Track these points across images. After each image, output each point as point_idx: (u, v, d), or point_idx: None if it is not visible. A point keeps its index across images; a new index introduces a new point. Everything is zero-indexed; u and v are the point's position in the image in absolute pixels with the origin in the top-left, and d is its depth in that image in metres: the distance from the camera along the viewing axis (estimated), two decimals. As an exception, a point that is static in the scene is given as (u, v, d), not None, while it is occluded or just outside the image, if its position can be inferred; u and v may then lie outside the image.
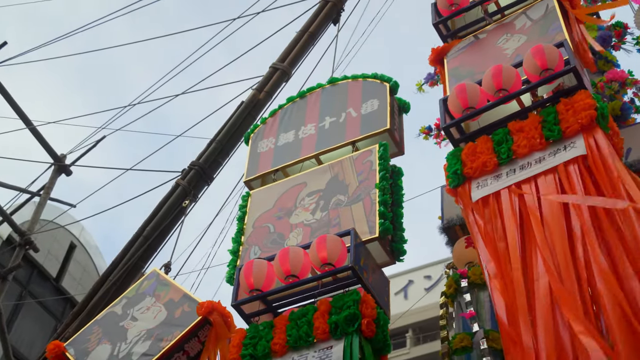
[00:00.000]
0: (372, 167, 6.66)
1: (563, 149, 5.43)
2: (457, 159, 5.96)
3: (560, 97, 5.85)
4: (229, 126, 10.13)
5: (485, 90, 6.01)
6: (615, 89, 9.09)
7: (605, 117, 5.47)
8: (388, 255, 6.27)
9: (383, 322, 5.62)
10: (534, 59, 5.81)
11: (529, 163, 5.55)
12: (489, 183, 5.66)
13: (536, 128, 5.64)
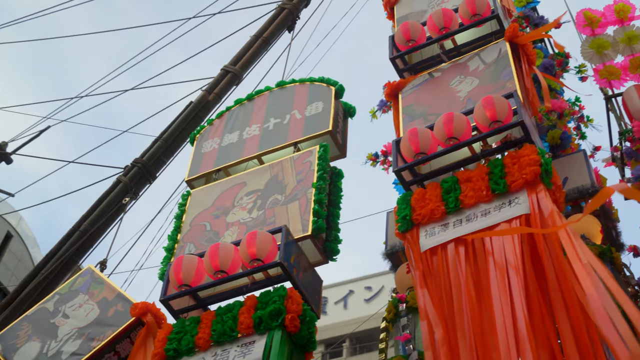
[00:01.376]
0: (311, 167, 6.63)
1: (508, 203, 5.47)
2: (406, 204, 5.96)
3: (507, 147, 5.96)
4: (175, 125, 10.03)
5: (437, 136, 6.06)
6: (554, 120, 9.21)
7: (549, 173, 5.56)
8: (321, 254, 6.23)
9: (309, 318, 5.57)
10: (484, 109, 5.87)
11: (475, 215, 5.58)
12: (437, 232, 5.65)
13: (483, 179, 5.68)
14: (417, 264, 5.53)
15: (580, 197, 8.13)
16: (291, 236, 5.96)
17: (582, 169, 8.50)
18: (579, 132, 10.34)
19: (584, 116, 10.17)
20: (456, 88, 6.83)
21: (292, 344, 5.45)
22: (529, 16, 11.35)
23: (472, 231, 5.42)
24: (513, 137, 6.03)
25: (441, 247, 5.49)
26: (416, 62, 7.72)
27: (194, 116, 10.10)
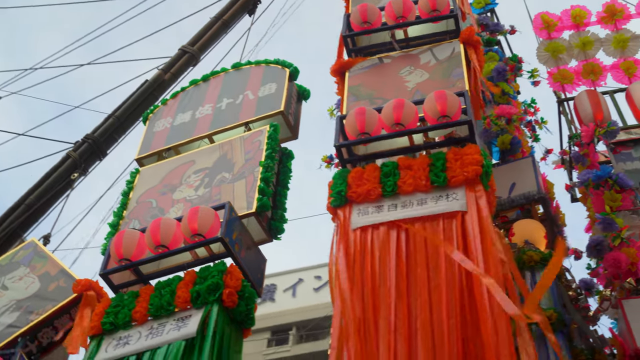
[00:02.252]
0: (260, 147, 6.61)
1: (445, 197, 5.53)
2: (343, 180, 5.95)
3: (451, 144, 6.00)
4: (129, 103, 9.92)
5: (384, 120, 6.06)
6: (502, 126, 9.30)
7: (488, 175, 5.66)
8: (265, 232, 6.21)
9: (248, 295, 5.54)
10: (436, 103, 5.91)
11: (410, 202, 5.61)
12: (370, 212, 5.66)
13: (424, 169, 5.73)
14: (343, 239, 5.51)
15: (527, 203, 8.20)
16: (235, 213, 5.92)
17: (529, 175, 8.58)
18: (533, 134, 10.44)
19: (538, 119, 10.28)
20: (405, 77, 6.86)
21: (230, 320, 5.42)
22: (485, 23, 11.45)
23: (407, 217, 5.45)
24: (458, 135, 6.09)
25: (373, 227, 5.50)
26: (365, 45, 7.69)
27: (148, 95, 10.00)
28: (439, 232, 5.26)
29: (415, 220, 5.43)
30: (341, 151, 6.22)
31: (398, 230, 5.40)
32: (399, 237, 5.34)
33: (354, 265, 5.26)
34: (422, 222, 5.41)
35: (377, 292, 5.02)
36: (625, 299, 7.22)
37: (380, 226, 5.49)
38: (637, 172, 8.76)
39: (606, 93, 10.00)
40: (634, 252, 7.34)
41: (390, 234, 5.38)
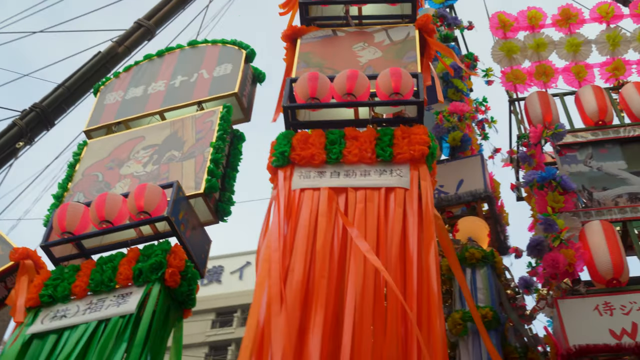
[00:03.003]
0: (212, 127, 6.57)
1: (389, 172, 5.56)
2: (287, 141, 5.92)
3: (399, 122, 6.01)
4: (80, 74, 9.74)
5: (336, 89, 6.05)
6: (454, 122, 9.39)
7: (433, 157, 5.73)
8: (212, 214, 6.18)
9: (191, 275, 5.53)
10: (390, 79, 5.93)
11: (354, 172, 5.63)
12: (312, 177, 5.66)
13: (370, 142, 5.75)
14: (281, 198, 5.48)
15: (473, 201, 8.31)
16: (182, 192, 5.89)
17: (477, 173, 8.69)
18: (482, 132, 10.56)
19: (487, 118, 10.40)
20: (358, 52, 6.86)
21: (171, 299, 5.40)
22: (443, 15, 11.52)
23: (349, 186, 5.47)
24: (407, 114, 6.11)
25: (313, 190, 5.50)
26: (317, 16, 7.63)
27: (100, 67, 9.84)
28: (380, 205, 5.28)
29: (357, 190, 5.45)
30: (288, 113, 6.20)
31: (338, 196, 5.41)
32: (338, 203, 5.35)
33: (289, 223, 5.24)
34: (363, 192, 5.43)
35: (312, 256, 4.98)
36: (561, 299, 7.37)
37: (321, 190, 5.50)
38: (581, 175, 8.93)
39: (556, 95, 10.18)
40: (572, 254, 7.49)
41: (330, 199, 5.39)
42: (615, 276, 7.51)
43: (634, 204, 8.44)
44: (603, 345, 6.86)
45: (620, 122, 9.60)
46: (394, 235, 5.04)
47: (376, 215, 5.21)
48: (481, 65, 11.44)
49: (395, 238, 5.00)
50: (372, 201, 5.34)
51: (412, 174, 5.49)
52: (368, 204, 5.30)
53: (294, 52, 6.94)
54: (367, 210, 5.25)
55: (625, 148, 9.21)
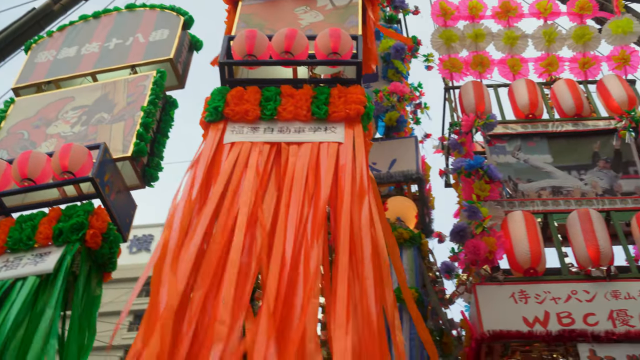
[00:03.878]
0: (144, 92, 6.48)
1: (324, 129, 5.54)
2: (222, 97, 5.82)
3: (337, 83, 5.98)
4: (12, 29, 9.49)
5: (274, 47, 5.99)
6: (394, 102, 9.45)
7: (369, 117, 5.69)
8: (139, 178, 6.11)
9: (113, 238, 5.45)
10: (329, 39, 5.89)
11: (288, 129, 5.59)
12: (245, 132, 5.60)
13: (306, 100, 5.72)
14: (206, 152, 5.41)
15: (404, 181, 8.40)
16: (109, 155, 5.80)
17: (410, 154, 8.79)
18: (415, 117, 10.68)
19: (421, 102, 10.51)
20: (299, 15, 6.82)
21: (91, 261, 5.33)
22: (390, -5, 11.59)
23: (282, 141, 5.45)
24: (345, 75, 6.12)
25: (245, 144, 5.48)
26: None
27: (34, 24, 9.60)
28: (312, 159, 5.26)
29: (289, 144, 5.42)
30: (224, 70, 6.14)
31: (270, 150, 5.39)
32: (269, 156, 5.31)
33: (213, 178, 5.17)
34: (296, 146, 5.39)
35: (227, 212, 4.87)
36: (479, 285, 7.55)
37: (253, 144, 5.47)
38: (508, 165, 9.13)
39: (491, 86, 10.36)
40: (493, 242, 7.66)
41: (261, 152, 5.36)
42: (532, 266, 7.72)
43: (556, 197, 8.67)
44: (516, 331, 7.06)
45: (550, 117, 9.83)
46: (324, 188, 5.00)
47: (306, 169, 5.17)
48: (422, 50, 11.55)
49: (325, 191, 4.96)
50: (305, 155, 5.31)
51: (346, 132, 5.46)
52: (300, 158, 5.27)
53: (234, 14, 6.86)
54: (298, 164, 5.22)
55: (553, 143, 9.44)
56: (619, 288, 7.46)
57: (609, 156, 9.21)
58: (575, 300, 7.38)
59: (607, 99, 9.78)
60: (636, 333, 6.99)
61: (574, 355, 6.99)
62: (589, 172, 9.06)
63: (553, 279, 7.68)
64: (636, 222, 8.16)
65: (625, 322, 7.11)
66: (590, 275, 7.60)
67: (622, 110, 9.43)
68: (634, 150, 9.15)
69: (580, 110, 9.69)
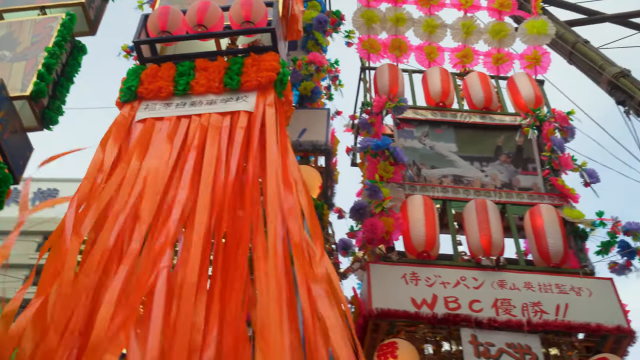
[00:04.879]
0: (51, 33, 6.26)
1: (235, 99, 5.52)
2: (136, 76, 5.78)
3: (252, 51, 5.94)
4: None
5: (187, 21, 5.93)
6: (312, 71, 9.42)
7: (283, 84, 5.66)
8: (37, 120, 5.91)
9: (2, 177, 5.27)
10: (241, 8, 5.87)
11: (200, 102, 5.56)
12: (157, 108, 5.54)
13: (219, 72, 5.68)
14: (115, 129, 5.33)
15: (312, 151, 8.38)
16: (6, 92, 5.58)
17: (321, 126, 8.78)
18: (329, 92, 10.68)
19: (337, 77, 10.51)
20: None
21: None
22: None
23: (193, 114, 5.40)
24: (262, 43, 6.08)
25: (156, 120, 5.40)
26: None
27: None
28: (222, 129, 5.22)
29: (200, 116, 5.39)
30: (140, 49, 6.03)
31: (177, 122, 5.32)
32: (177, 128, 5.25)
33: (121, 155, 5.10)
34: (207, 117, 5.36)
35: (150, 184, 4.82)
36: (373, 263, 7.65)
37: (164, 120, 5.40)
38: (414, 150, 9.27)
39: (406, 71, 10.47)
40: (391, 222, 7.77)
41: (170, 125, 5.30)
42: (426, 249, 7.87)
43: (456, 185, 8.86)
44: (403, 311, 7.19)
45: (460, 108, 10.01)
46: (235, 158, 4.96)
47: (217, 139, 5.13)
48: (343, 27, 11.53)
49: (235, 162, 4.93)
50: (214, 126, 5.26)
51: (258, 100, 5.44)
52: (210, 129, 5.22)
53: None
54: (209, 135, 5.17)
55: (459, 132, 9.63)
56: (506, 278, 7.69)
57: (511, 151, 9.45)
58: (464, 286, 7.57)
59: (515, 96, 10.03)
60: (517, 322, 7.23)
61: (457, 339, 7.17)
62: (491, 164, 9.28)
63: (444, 264, 7.85)
64: (529, 217, 8.43)
65: (508, 312, 7.34)
66: (480, 263, 7.81)
67: (528, 108, 9.70)
68: (535, 148, 9.42)
69: (489, 104, 9.91)
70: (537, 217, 8.32)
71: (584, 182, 8.81)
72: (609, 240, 8.25)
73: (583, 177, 8.83)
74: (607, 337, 7.32)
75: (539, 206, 8.47)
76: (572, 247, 8.25)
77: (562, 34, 11.84)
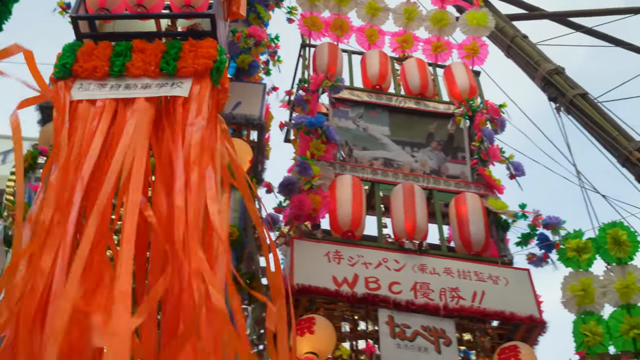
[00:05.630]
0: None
1: (170, 85, 5.43)
2: (72, 53, 5.60)
3: (192, 35, 5.84)
4: None
5: (127, 0, 5.81)
6: (250, 45, 9.35)
7: (220, 72, 5.59)
8: (-44, 68, 5.70)
9: None
10: None
11: (135, 85, 5.45)
12: (91, 89, 5.42)
13: (156, 55, 5.56)
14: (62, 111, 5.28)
15: (245, 125, 8.33)
16: None
17: (256, 100, 8.73)
18: (267, 67, 10.62)
19: (276, 53, 10.47)
20: None
21: None
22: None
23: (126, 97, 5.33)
24: (201, 28, 6.01)
25: (89, 102, 5.32)
26: None
27: None
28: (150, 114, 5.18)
29: (134, 100, 5.32)
30: (77, 24, 5.89)
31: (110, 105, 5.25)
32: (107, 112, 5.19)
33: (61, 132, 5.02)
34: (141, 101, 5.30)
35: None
36: (297, 239, 7.68)
37: (97, 102, 5.31)
38: (347, 130, 9.31)
39: (346, 51, 10.49)
40: (318, 200, 7.81)
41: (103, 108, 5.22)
42: (351, 229, 7.94)
43: (386, 168, 8.94)
44: (323, 289, 7.25)
45: (396, 92, 10.08)
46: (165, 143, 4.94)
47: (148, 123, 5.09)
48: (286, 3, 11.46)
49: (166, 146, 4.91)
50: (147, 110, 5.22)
51: (193, 87, 5.39)
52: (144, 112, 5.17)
53: None
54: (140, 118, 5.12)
55: (393, 116, 9.71)
56: (427, 263, 7.82)
57: (443, 139, 9.58)
58: (385, 268, 7.67)
59: (451, 85, 10.16)
60: (434, 306, 7.37)
61: (374, 319, 7.28)
62: (422, 150, 9.40)
63: (368, 244, 7.94)
64: (454, 204, 8.57)
65: (426, 295, 7.47)
66: (403, 247, 7.92)
67: (462, 98, 9.83)
68: (466, 137, 9.57)
69: (425, 91, 10.02)
70: (462, 205, 8.48)
71: (510, 174, 9.01)
72: (529, 233, 8.48)
73: (509, 170, 9.03)
74: (519, 326, 7.54)
75: (464, 194, 8.62)
76: (494, 237, 8.44)
77: (502, 27, 11.99)
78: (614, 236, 8.22)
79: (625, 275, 8.01)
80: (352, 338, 7.24)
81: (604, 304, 8.05)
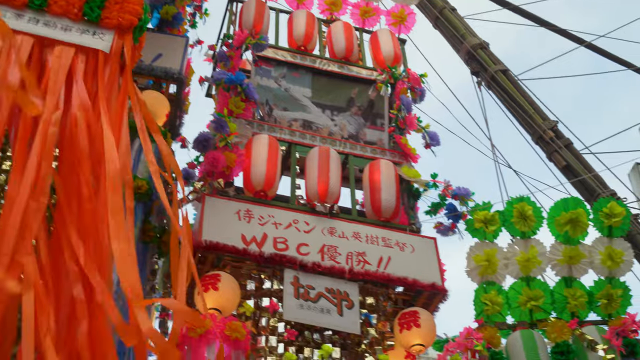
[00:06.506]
0: None
1: (92, 33, 5.38)
2: None
3: None
4: None
5: None
6: None
7: (141, 31, 5.59)
8: None
9: None
10: None
11: (55, 24, 5.35)
12: (8, 17, 5.26)
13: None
14: None
15: (165, 78, 8.21)
16: None
17: (177, 53, 8.58)
18: (193, 20, 10.45)
19: (202, 6, 10.29)
20: None
21: None
22: None
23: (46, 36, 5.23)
24: None
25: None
26: None
27: None
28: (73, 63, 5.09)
29: (54, 42, 5.22)
30: None
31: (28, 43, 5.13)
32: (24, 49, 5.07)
33: None
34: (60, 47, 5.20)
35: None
36: (209, 196, 7.66)
37: (17, 33, 5.17)
38: (268, 89, 9.27)
39: (273, 9, 10.39)
40: (233, 158, 7.78)
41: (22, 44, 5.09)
42: (264, 189, 7.96)
43: (304, 130, 8.96)
44: (232, 246, 7.27)
45: (320, 55, 10.06)
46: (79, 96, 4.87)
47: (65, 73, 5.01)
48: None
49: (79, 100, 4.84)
50: (65, 57, 5.12)
51: (115, 41, 5.35)
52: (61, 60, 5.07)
53: None
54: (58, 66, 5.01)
55: (316, 79, 9.71)
56: (336, 226, 7.92)
57: (363, 104, 9.64)
58: (295, 229, 7.73)
59: (376, 51, 10.18)
60: (339, 269, 7.49)
61: (280, 279, 7.34)
62: (342, 114, 9.44)
63: (280, 205, 7.97)
64: (368, 170, 8.67)
65: (333, 258, 7.57)
66: (315, 209, 7.99)
67: (385, 65, 9.88)
68: (386, 104, 9.65)
69: (349, 55, 10.03)
70: (375, 171, 8.58)
71: (425, 143, 9.15)
72: (438, 202, 8.65)
73: (425, 139, 9.16)
74: (421, 293, 7.73)
75: (379, 161, 8.72)
76: (404, 204, 8.58)
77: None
78: (520, 210, 8.48)
79: (528, 249, 8.29)
80: (257, 296, 7.29)
81: (505, 275, 8.34)
